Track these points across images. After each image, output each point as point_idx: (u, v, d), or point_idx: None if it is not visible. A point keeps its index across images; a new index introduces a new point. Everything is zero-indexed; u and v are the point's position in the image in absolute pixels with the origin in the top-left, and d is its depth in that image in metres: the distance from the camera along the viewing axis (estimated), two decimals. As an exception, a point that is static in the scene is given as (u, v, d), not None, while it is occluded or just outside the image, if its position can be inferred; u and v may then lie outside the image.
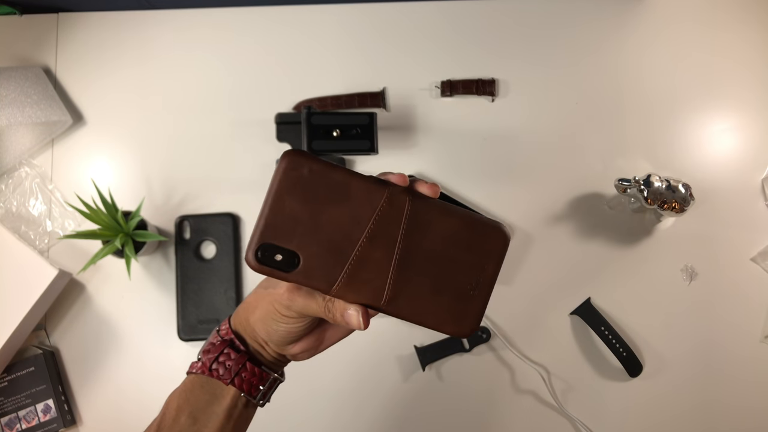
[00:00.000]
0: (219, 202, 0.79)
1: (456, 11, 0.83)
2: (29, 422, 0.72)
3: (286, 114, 0.79)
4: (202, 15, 0.83)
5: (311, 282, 0.34)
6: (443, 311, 0.35)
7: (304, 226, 0.34)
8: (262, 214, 0.34)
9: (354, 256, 0.34)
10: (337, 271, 0.34)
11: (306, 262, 0.34)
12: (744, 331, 0.77)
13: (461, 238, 0.35)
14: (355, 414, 0.76)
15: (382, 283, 0.34)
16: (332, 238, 0.34)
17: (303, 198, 0.33)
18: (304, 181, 0.33)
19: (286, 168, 0.33)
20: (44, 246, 0.78)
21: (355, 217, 0.34)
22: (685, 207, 0.72)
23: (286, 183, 0.33)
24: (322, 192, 0.34)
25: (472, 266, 0.35)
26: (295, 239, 0.34)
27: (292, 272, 0.34)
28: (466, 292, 0.35)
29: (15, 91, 0.74)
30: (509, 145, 0.81)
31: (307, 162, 0.33)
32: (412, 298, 0.34)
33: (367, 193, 0.34)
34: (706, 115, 0.81)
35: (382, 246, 0.34)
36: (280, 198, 0.33)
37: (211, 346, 0.41)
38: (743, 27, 0.83)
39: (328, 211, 0.34)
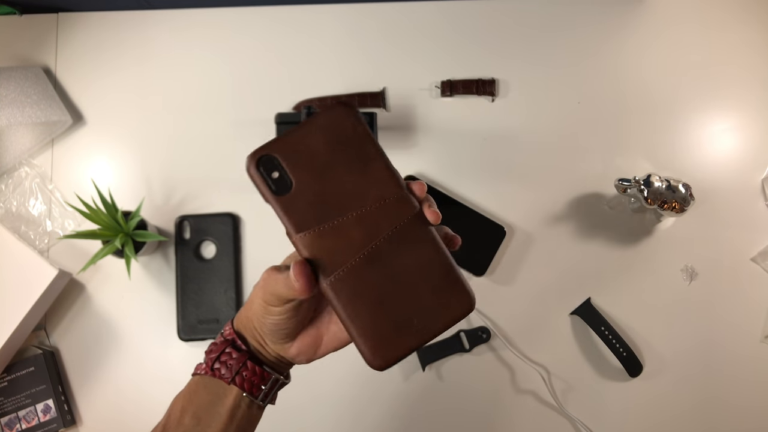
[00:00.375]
0: (219, 202, 0.79)
1: (456, 11, 0.83)
2: (29, 422, 0.72)
3: (286, 114, 0.79)
4: (202, 15, 0.83)
5: (285, 215, 0.33)
6: (372, 328, 0.33)
7: (314, 166, 0.33)
8: (288, 132, 0.34)
9: (336, 221, 0.33)
10: (313, 222, 0.33)
11: (294, 195, 0.33)
12: (744, 331, 0.77)
13: (435, 277, 0.34)
14: (355, 414, 0.76)
15: (341, 260, 0.33)
16: (330, 193, 0.34)
17: (330, 145, 0.34)
18: (341, 132, 0.34)
19: (335, 113, 0.34)
20: (44, 246, 0.78)
21: (359, 192, 0.34)
22: (685, 207, 0.72)
23: (325, 123, 0.34)
24: (349, 152, 0.34)
25: (426, 308, 0.34)
26: (300, 170, 0.33)
27: (276, 195, 0.33)
28: (404, 326, 0.33)
29: (15, 91, 0.74)
30: (509, 145, 0.81)
31: (355, 121, 0.34)
32: (356, 295, 0.33)
33: (385, 180, 0.34)
34: (707, 115, 0.81)
35: (364, 232, 0.34)
36: (311, 130, 0.34)
37: (214, 347, 0.41)
38: (743, 27, 0.83)
39: (342, 169, 0.34)
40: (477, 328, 0.76)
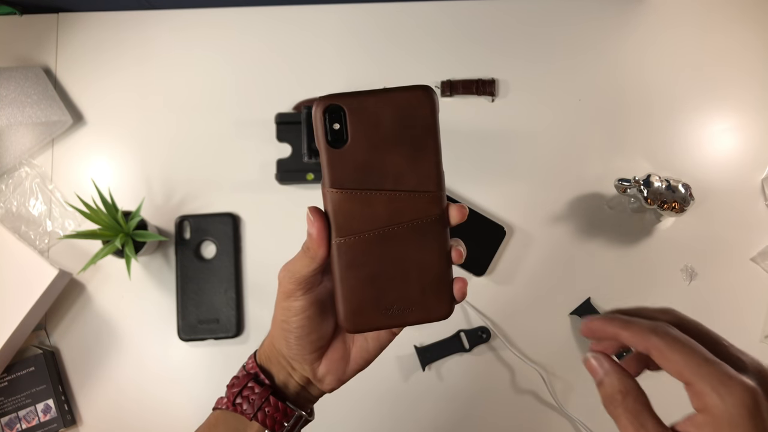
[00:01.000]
0: (219, 202, 0.79)
1: (456, 11, 0.83)
2: (29, 422, 0.72)
3: (286, 114, 0.79)
4: (202, 15, 0.83)
5: (330, 166, 0.34)
6: (356, 296, 0.36)
7: (373, 133, 0.34)
8: (365, 92, 0.34)
9: (369, 192, 0.34)
10: (349, 183, 0.34)
11: (344, 152, 0.34)
12: (744, 331, 0.77)
13: (427, 278, 0.36)
14: (355, 414, 0.76)
15: (357, 228, 0.35)
16: (374, 164, 0.34)
17: (396, 120, 0.34)
18: (411, 113, 0.34)
19: (415, 94, 0.34)
20: (44, 246, 0.78)
21: (401, 174, 0.35)
22: (685, 207, 0.72)
23: (402, 99, 0.34)
24: (409, 134, 0.34)
25: (407, 298, 0.36)
26: (359, 133, 0.34)
27: (329, 145, 0.34)
28: (382, 305, 0.36)
29: (15, 91, 0.74)
30: (509, 145, 0.81)
31: (429, 109, 0.34)
32: (356, 263, 0.35)
33: (426, 175, 0.35)
34: (706, 115, 0.82)
35: (388, 212, 0.35)
36: (386, 100, 0.34)
37: (236, 380, 0.40)
38: (743, 27, 0.83)
39: (395, 148, 0.34)
40: (477, 328, 0.76)
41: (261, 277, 0.78)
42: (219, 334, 0.76)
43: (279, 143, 0.79)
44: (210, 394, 0.75)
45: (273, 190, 0.79)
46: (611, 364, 0.31)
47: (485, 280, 0.78)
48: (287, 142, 0.79)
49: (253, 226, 0.79)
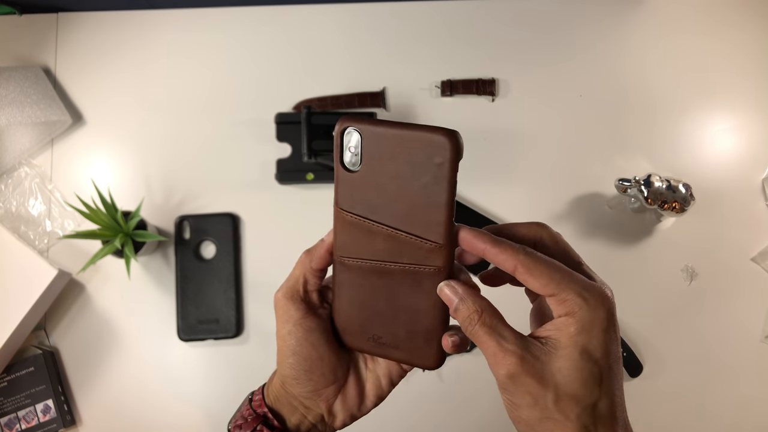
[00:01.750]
0: (219, 202, 0.79)
1: (457, 11, 0.83)
2: (29, 422, 0.72)
3: (286, 114, 0.79)
4: (202, 15, 0.83)
5: (339, 186, 0.34)
6: (346, 315, 0.36)
7: (387, 167, 0.32)
8: (389, 123, 0.32)
9: (371, 223, 0.34)
10: (354, 209, 0.34)
11: (354, 177, 0.33)
12: (744, 331, 0.77)
13: (418, 324, 0.35)
14: (355, 414, 0.76)
15: (356, 252, 0.35)
16: (382, 197, 0.33)
17: (413, 159, 0.32)
18: (431, 157, 0.31)
19: (440, 137, 0.31)
20: (44, 246, 0.78)
21: (407, 215, 0.33)
22: (686, 207, 0.72)
23: (425, 139, 0.31)
24: (424, 178, 0.32)
25: (394, 335, 0.35)
26: (372, 162, 0.33)
27: (342, 164, 0.33)
28: (369, 336, 0.36)
29: (15, 90, 0.74)
30: (509, 145, 0.81)
31: (450, 159, 0.31)
32: (350, 285, 0.36)
33: (433, 224, 0.33)
34: (707, 115, 0.81)
35: (387, 248, 0.34)
36: (408, 136, 0.32)
37: (243, 422, 0.38)
38: (743, 26, 0.83)
39: (407, 187, 0.32)
40: (477, 328, 0.76)
41: (261, 277, 0.78)
42: (219, 334, 0.75)
43: (279, 143, 0.79)
44: (209, 394, 0.75)
45: (273, 190, 0.79)
46: (465, 289, 0.33)
47: (485, 280, 0.78)
48: (287, 142, 0.79)
49: (253, 226, 0.79)
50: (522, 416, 0.31)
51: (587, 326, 0.30)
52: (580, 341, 0.30)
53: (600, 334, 0.30)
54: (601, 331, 0.30)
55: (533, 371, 0.30)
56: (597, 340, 0.30)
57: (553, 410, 0.29)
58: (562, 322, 0.30)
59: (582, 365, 0.29)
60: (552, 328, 0.31)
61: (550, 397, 0.29)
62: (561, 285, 0.30)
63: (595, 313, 0.30)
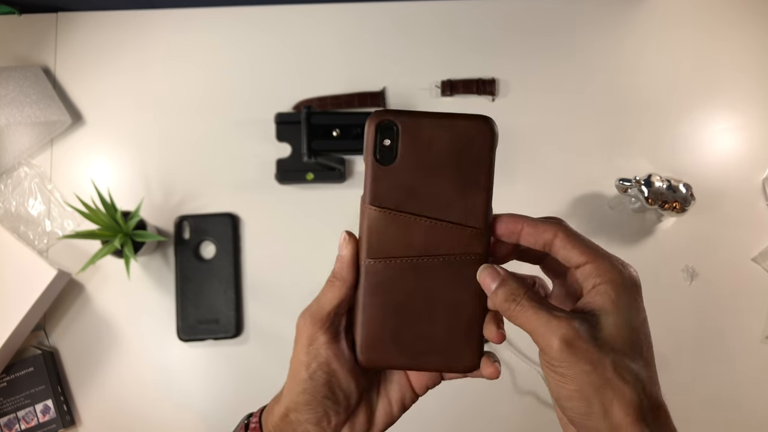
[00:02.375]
0: (218, 202, 0.79)
1: (456, 11, 0.83)
2: (28, 423, 0.72)
3: (286, 114, 0.79)
4: (203, 14, 0.83)
5: (373, 182, 0.33)
6: (376, 326, 0.34)
7: (424, 156, 0.33)
8: (423, 113, 0.33)
9: (409, 215, 0.33)
10: (390, 203, 0.33)
11: (390, 170, 0.33)
12: (744, 331, 0.77)
13: (457, 321, 0.34)
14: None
15: (390, 251, 0.33)
16: (419, 188, 0.33)
17: (451, 147, 0.33)
18: (468, 143, 0.33)
19: (476, 123, 0.33)
20: (43, 246, 0.77)
21: (446, 204, 0.33)
22: (686, 207, 0.72)
23: (461, 127, 0.33)
24: (462, 165, 0.33)
25: (433, 342, 0.34)
26: (410, 153, 0.33)
27: (376, 160, 0.33)
28: (407, 343, 0.34)
29: (14, 90, 0.74)
30: (509, 145, 0.80)
31: (487, 142, 0.33)
32: (382, 289, 0.33)
33: (473, 210, 0.34)
34: (707, 114, 0.81)
35: (425, 241, 0.33)
36: (444, 124, 0.33)
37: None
38: (743, 26, 0.83)
39: (444, 175, 0.33)
40: (477, 328, 0.76)
41: (261, 277, 0.78)
42: (218, 334, 0.75)
43: (279, 143, 0.79)
44: (209, 394, 0.75)
45: (273, 190, 0.79)
46: (505, 272, 0.33)
47: (485, 280, 0.78)
48: (287, 142, 0.79)
49: (253, 226, 0.79)
50: (576, 389, 0.30)
51: (625, 292, 0.31)
52: (623, 305, 0.30)
53: (637, 302, 0.31)
54: (636, 299, 0.31)
55: (590, 337, 0.29)
56: (635, 307, 0.31)
57: (613, 376, 0.29)
58: (602, 289, 0.31)
59: (629, 329, 0.30)
60: (592, 298, 0.31)
61: (608, 361, 0.29)
62: (597, 254, 0.32)
63: (630, 281, 0.31)
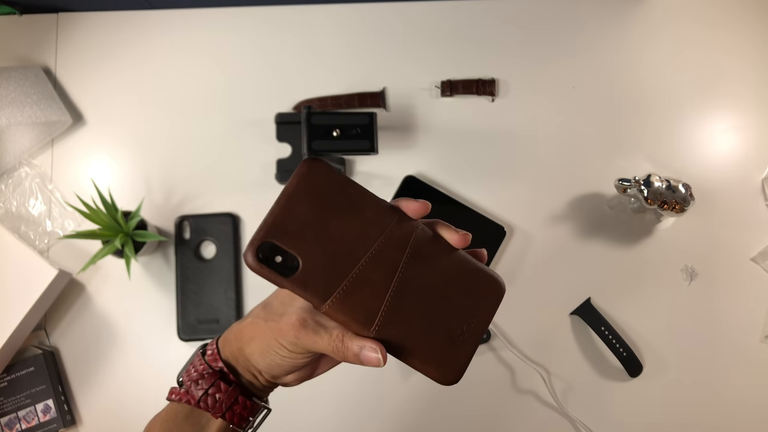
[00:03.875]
0: (219, 202, 0.79)
1: (456, 11, 0.83)
2: (29, 422, 0.72)
3: (286, 114, 0.79)
4: (202, 15, 0.83)
5: (306, 292, 0.32)
6: (431, 351, 0.33)
7: (310, 233, 0.33)
8: (271, 212, 0.33)
9: (354, 274, 0.33)
10: (334, 286, 0.32)
11: (305, 269, 0.32)
12: (744, 331, 0.77)
13: (461, 278, 0.34)
14: (355, 414, 0.76)
15: (376, 307, 0.33)
16: (335, 251, 0.33)
17: (315, 205, 0.33)
18: (319, 188, 0.33)
19: (305, 173, 0.33)
20: (44, 246, 0.78)
21: (361, 235, 0.33)
22: (686, 207, 0.72)
23: (302, 187, 0.33)
24: (335, 203, 0.33)
25: (466, 310, 0.34)
26: (299, 244, 0.32)
27: (288, 278, 0.32)
28: (456, 336, 0.34)
29: (15, 90, 0.74)
30: (509, 145, 0.81)
31: (326, 172, 0.33)
32: (404, 329, 0.33)
33: (378, 214, 0.34)
34: (707, 114, 0.82)
35: (383, 269, 0.33)
36: (292, 200, 0.33)
37: (200, 377, 0.39)
38: (743, 26, 0.83)
39: (336, 222, 0.33)
40: (477, 328, 0.76)
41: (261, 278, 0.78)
42: (219, 334, 0.75)
43: (279, 143, 0.79)
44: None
45: (273, 190, 0.79)
46: None
47: (485, 280, 0.78)
48: (287, 142, 0.79)
49: (253, 226, 0.79)
50: None
51: None
52: None
53: None
54: None
55: None
56: None
57: None
58: None
59: None
60: None
61: None
62: None
63: None
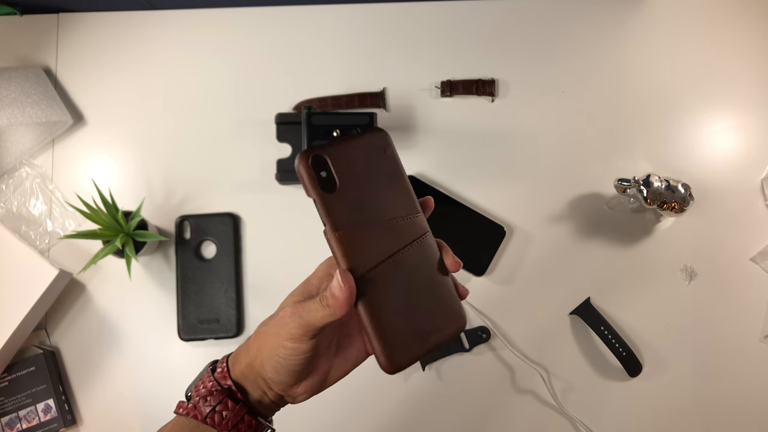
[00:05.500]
0: (219, 202, 0.79)
1: (456, 11, 0.83)
2: (30, 422, 0.72)
3: (286, 114, 0.80)
4: (203, 15, 0.83)
5: (326, 211, 0.36)
6: (394, 330, 0.36)
7: (354, 174, 0.37)
8: (336, 142, 0.37)
9: (370, 225, 0.37)
10: (351, 223, 0.36)
11: (337, 195, 0.36)
12: (744, 331, 0.77)
13: (443, 293, 0.38)
14: (355, 414, 0.76)
15: (369, 262, 0.36)
16: (366, 200, 0.37)
17: (368, 159, 0.38)
18: (377, 151, 0.38)
19: (374, 135, 0.38)
20: (45, 246, 0.78)
21: (390, 203, 0.38)
22: (685, 207, 0.72)
23: (366, 141, 0.38)
24: (382, 168, 0.38)
25: (435, 320, 0.38)
26: (344, 175, 0.37)
27: (323, 191, 0.36)
28: (420, 333, 0.37)
29: (15, 91, 0.74)
30: (509, 145, 0.81)
31: (389, 144, 0.39)
32: (382, 296, 0.36)
33: (407, 198, 0.38)
34: (706, 114, 0.82)
35: (392, 237, 0.37)
36: (354, 145, 0.38)
37: (208, 393, 0.40)
38: (743, 26, 0.83)
39: (376, 182, 0.38)
40: (477, 327, 0.76)
41: (261, 277, 0.78)
42: (219, 334, 0.76)
43: (279, 143, 0.79)
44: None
45: (273, 190, 0.79)
46: None
47: (485, 280, 0.78)
48: (287, 142, 0.79)
49: (253, 226, 0.79)
50: None
51: None
52: None
53: None
54: None
55: None
56: None
57: None
58: None
59: None
60: None
61: None
62: None
63: None
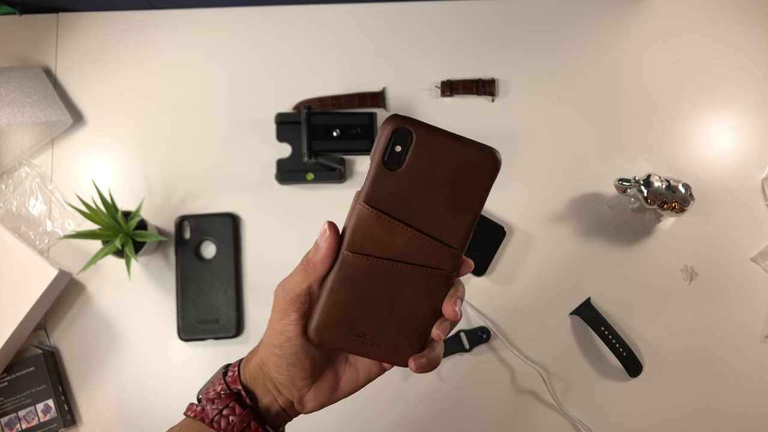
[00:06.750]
0: (219, 202, 0.79)
1: (456, 11, 0.83)
2: (29, 422, 0.72)
3: (286, 114, 0.79)
4: (203, 15, 0.83)
5: (373, 182, 0.34)
6: (336, 311, 0.36)
7: (428, 170, 0.34)
8: (437, 129, 0.34)
9: (398, 221, 0.35)
10: (383, 206, 0.34)
11: (393, 175, 0.34)
12: (744, 331, 0.77)
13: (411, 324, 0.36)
14: (355, 413, 0.76)
15: (371, 248, 0.35)
16: (416, 199, 0.34)
17: (454, 168, 0.34)
18: (471, 170, 0.34)
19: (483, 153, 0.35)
20: (44, 246, 0.78)
21: (433, 220, 0.35)
22: (685, 207, 0.72)
23: (469, 152, 0.35)
24: (460, 188, 0.35)
25: (383, 336, 0.36)
26: (417, 164, 0.34)
27: (383, 162, 0.34)
28: (359, 333, 0.36)
29: (15, 91, 0.74)
30: (509, 145, 0.81)
31: (490, 172, 0.35)
32: (353, 280, 0.36)
33: (457, 232, 0.35)
34: (706, 114, 0.82)
35: (405, 248, 0.35)
36: (453, 145, 0.34)
37: (216, 396, 0.40)
38: (743, 26, 0.83)
39: (441, 193, 0.34)
40: (477, 328, 0.76)
41: (261, 277, 0.78)
42: (219, 334, 0.76)
43: (279, 143, 0.79)
44: (210, 394, 0.75)
45: (273, 190, 0.79)
46: None
47: (485, 280, 0.78)
48: (287, 142, 0.79)
49: (253, 226, 0.79)
50: None
51: None
52: None
53: None
54: None
55: None
56: None
57: None
58: None
59: None
60: None
61: None
62: None
63: None
